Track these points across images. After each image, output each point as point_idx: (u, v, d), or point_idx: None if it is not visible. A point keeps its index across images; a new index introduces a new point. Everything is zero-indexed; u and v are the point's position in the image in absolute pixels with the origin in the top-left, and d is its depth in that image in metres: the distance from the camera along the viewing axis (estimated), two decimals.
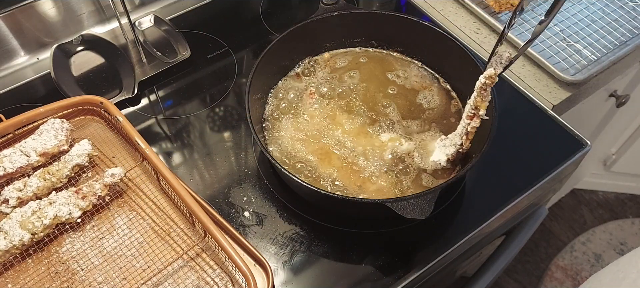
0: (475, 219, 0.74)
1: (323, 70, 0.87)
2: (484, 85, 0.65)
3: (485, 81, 0.64)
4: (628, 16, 0.99)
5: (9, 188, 0.70)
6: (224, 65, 0.95)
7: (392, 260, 0.70)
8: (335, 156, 0.76)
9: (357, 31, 0.88)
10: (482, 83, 0.65)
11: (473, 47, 0.97)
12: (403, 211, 0.62)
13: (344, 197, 0.66)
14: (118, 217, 0.71)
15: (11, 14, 0.90)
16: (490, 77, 0.64)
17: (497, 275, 0.90)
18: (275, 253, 0.71)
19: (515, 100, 0.88)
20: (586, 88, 0.93)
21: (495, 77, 0.64)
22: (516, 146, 0.82)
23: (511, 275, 1.70)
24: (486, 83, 0.64)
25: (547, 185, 0.80)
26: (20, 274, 0.66)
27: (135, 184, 0.75)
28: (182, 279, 0.66)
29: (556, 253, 1.75)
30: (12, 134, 0.76)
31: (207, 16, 1.04)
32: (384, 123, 0.80)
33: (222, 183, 0.78)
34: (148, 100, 0.90)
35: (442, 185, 0.66)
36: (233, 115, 0.88)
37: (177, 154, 0.82)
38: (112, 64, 0.93)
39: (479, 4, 1.01)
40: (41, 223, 0.66)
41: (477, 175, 0.79)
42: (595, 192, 1.91)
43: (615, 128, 1.44)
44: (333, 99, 0.83)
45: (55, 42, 0.93)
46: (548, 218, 1.80)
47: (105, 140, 0.79)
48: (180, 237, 0.69)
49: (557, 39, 0.96)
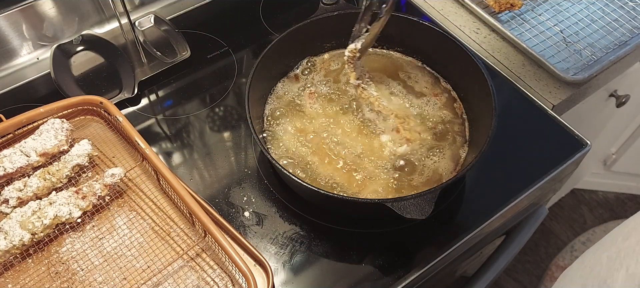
0: (475, 219, 0.74)
1: (323, 71, 0.87)
2: (349, 59, 0.79)
3: (349, 54, 0.78)
4: (628, 16, 0.99)
5: (9, 188, 0.70)
6: (224, 65, 0.95)
7: (392, 260, 0.70)
8: (335, 156, 0.76)
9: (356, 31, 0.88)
10: (347, 57, 0.79)
11: (473, 47, 0.97)
12: (403, 211, 0.62)
13: (343, 197, 0.66)
14: (118, 217, 0.71)
15: (11, 14, 0.90)
16: (351, 51, 0.78)
17: (497, 275, 0.90)
18: (275, 253, 0.71)
19: (515, 100, 0.88)
20: (586, 88, 0.93)
21: (357, 51, 0.78)
22: (516, 146, 0.82)
23: (511, 275, 1.70)
24: (350, 56, 0.78)
25: (547, 185, 0.80)
26: (20, 274, 0.66)
27: (135, 184, 0.75)
28: (182, 279, 0.66)
29: (556, 253, 1.75)
30: (12, 134, 0.76)
31: (207, 16, 1.04)
32: (383, 123, 0.80)
33: (222, 183, 0.78)
34: (148, 100, 0.90)
35: (442, 185, 0.66)
36: (233, 115, 0.88)
37: (177, 154, 0.82)
38: (112, 64, 0.93)
39: (479, 4, 1.01)
40: (41, 224, 0.66)
41: (477, 175, 0.79)
42: (595, 192, 1.91)
43: (615, 128, 1.44)
44: (333, 99, 0.83)
45: (55, 42, 0.93)
46: (548, 218, 1.80)
47: (105, 140, 0.79)
48: (180, 237, 0.69)
49: (557, 39, 0.96)
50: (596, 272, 0.53)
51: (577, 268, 0.61)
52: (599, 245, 0.58)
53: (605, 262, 0.52)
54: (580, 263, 0.61)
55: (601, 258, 0.54)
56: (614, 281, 0.49)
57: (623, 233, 0.53)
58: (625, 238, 0.51)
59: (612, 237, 0.56)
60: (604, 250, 0.55)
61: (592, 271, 0.55)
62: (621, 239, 0.52)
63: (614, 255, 0.51)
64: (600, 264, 0.53)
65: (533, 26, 0.98)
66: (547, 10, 1.01)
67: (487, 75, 0.74)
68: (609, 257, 0.52)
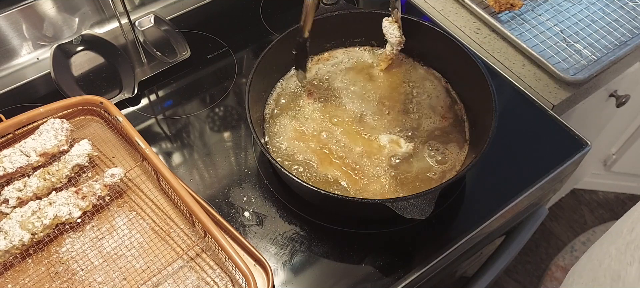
0: (475, 219, 0.74)
1: (323, 71, 0.87)
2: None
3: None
4: (628, 16, 0.99)
5: (9, 188, 0.70)
6: (224, 65, 0.95)
7: (392, 260, 0.70)
8: (335, 156, 0.76)
9: (357, 31, 0.88)
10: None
11: (473, 47, 0.97)
12: (403, 211, 0.62)
13: (344, 197, 0.66)
14: (118, 217, 0.71)
15: (11, 14, 0.90)
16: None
17: (497, 275, 0.90)
18: (275, 253, 0.71)
19: (515, 100, 0.88)
20: (586, 88, 0.93)
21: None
22: (516, 146, 0.82)
23: (511, 275, 1.70)
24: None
25: (547, 185, 0.80)
26: (20, 274, 0.66)
27: (135, 184, 0.75)
28: (182, 279, 0.66)
29: (556, 253, 1.75)
30: (12, 134, 0.76)
31: (207, 16, 1.04)
32: (383, 123, 0.80)
33: (222, 184, 0.78)
34: (148, 100, 0.90)
35: (442, 185, 0.66)
36: (233, 115, 0.88)
37: (177, 154, 0.82)
38: (112, 64, 0.93)
39: (479, 4, 1.01)
40: (41, 224, 0.66)
41: (477, 175, 0.79)
42: (595, 192, 1.91)
43: (615, 128, 1.44)
44: (333, 99, 0.83)
45: (55, 42, 0.93)
46: (548, 218, 1.80)
47: (105, 140, 0.79)
48: (180, 237, 0.69)
49: (557, 39, 0.96)
50: (606, 265, 0.53)
51: (585, 262, 0.60)
52: (605, 239, 0.58)
53: (614, 255, 0.52)
54: (588, 257, 0.61)
55: (609, 251, 0.54)
56: (628, 274, 0.49)
57: (627, 225, 0.53)
58: (631, 230, 0.51)
59: (617, 228, 0.56)
60: (611, 243, 0.55)
61: (601, 264, 0.54)
62: (626, 231, 0.52)
63: (622, 248, 0.51)
64: (610, 257, 0.53)
65: (533, 26, 0.98)
66: (547, 10, 1.01)
67: (487, 75, 0.74)
68: (617, 249, 0.52)
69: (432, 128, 0.79)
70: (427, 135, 0.79)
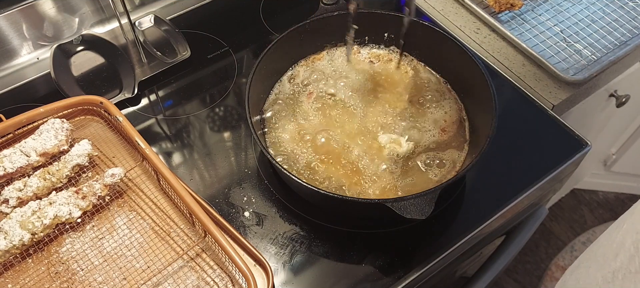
0: (475, 219, 0.74)
1: (323, 71, 0.87)
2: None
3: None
4: (628, 16, 0.99)
5: (9, 188, 0.70)
6: (224, 65, 0.95)
7: (392, 260, 0.70)
8: (334, 156, 0.76)
9: (357, 31, 0.88)
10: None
11: (473, 47, 0.97)
12: (403, 211, 0.62)
13: (343, 197, 0.66)
14: (118, 217, 0.71)
15: (11, 14, 0.90)
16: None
17: (497, 275, 0.90)
18: (275, 253, 0.71)
19: (515, 100, 0.88)
20: (586, 88, 0.93)
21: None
22: (516, 146, 0.82)
23: (511, 275, 1.70)
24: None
25: (547, 185, 0.80)
26: (20, 274, 0.66)
27: (135, 184, 0.75)
28: (182, 279, 0.66)
29: (556, 253, 1.75)
30: (12, 134, 0.76)
31: (207, 16, 1.04)
32: (383, 123, 0.80)
33: (222, 183, 0.78)
34: (148, 100, 0.90)
35: (442, 185, 0.66)
36: (233, 115, 0.88)
37: (177, 154, 0.82)
38: (112, 64, 0.93)
39: (479, 4, 1.01)
40: (41, 223, 0.66)
41: (477, 175, 0.79)
42: (595, 192, 1.91)
43: (615, 128, 1.44)
44: (332, 99, 0.83)
45: (55, 42, 0.93)
46: (548, 218, 1.80)
47: (105, 140, 0.79)
48: (180, 237, 0.69)
49: (557, 39, 0.96)
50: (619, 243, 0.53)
51: (595, 249, 0.60)
52: (611, 230, 0.58)
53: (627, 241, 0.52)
54: (576, 280, 0.61)
55: (596, 278, 0.54)
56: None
57: (613, 249, 0.53)
58: (615, 256, 0.52)
59: (621, 220, 0.56)
60: (618, 232, 0.54)
61: (611, 246, 0.54)
62: (611, 256, 0.53)
63: (609, 277, 0.52)
64: (621, 243, 0.53)
65: (533, 26, 0.98)
66: (547, 10, 1.01)
67: (487, 75, 0.74)
68: (604, 278, 0.53)
69: (432, 128, 0.79)
70: (427, 135, 0.78)
